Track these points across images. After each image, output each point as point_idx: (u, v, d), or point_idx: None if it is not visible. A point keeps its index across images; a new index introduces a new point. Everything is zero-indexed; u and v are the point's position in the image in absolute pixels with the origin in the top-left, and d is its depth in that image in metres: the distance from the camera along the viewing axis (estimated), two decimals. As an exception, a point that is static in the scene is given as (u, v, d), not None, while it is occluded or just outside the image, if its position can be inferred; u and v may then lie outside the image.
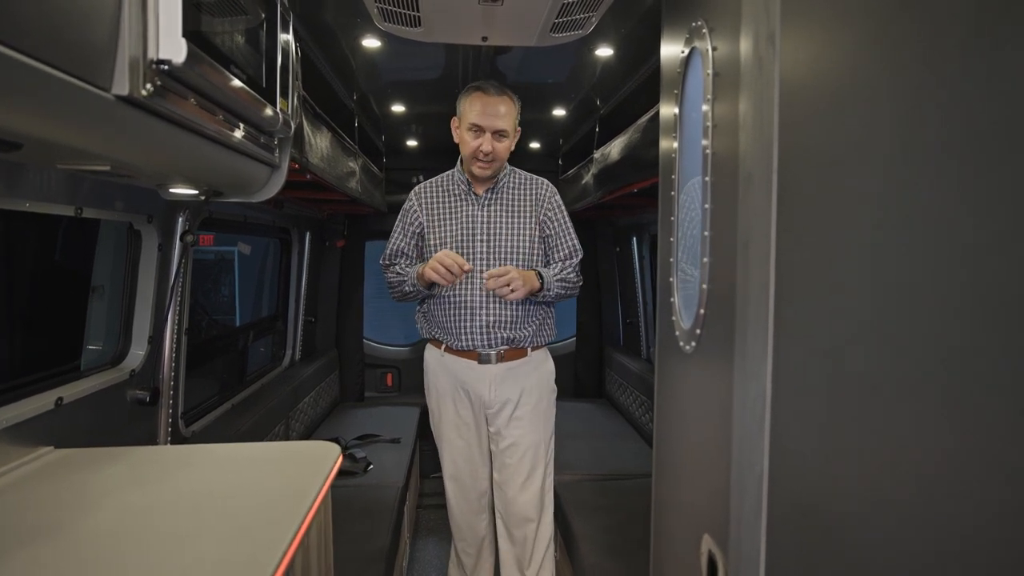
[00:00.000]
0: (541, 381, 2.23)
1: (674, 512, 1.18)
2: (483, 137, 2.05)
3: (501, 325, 2.13)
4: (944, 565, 0.54)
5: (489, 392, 2.17)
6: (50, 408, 1.43)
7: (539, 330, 2.20)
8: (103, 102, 0.88)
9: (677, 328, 1.14)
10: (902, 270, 0.58)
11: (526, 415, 2.19)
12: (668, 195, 1.22)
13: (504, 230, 2.15)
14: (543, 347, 2.25)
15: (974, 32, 0.51)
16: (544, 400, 2.23)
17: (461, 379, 2.19)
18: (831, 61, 0.69)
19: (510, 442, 2.20)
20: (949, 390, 0.53)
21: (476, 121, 2.05)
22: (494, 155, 2.07)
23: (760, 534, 0.78)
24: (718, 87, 0.97)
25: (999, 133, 0.48)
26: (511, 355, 2.17)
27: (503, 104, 2.06)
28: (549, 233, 2.20)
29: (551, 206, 2.20)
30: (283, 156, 1.66)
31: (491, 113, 2.04)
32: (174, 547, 1.03)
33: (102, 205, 1.55)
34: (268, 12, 1.43)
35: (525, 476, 2.20)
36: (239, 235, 3.18)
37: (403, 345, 4.37)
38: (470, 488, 2.33)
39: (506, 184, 2.20)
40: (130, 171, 1.21)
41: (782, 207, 0.76)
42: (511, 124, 2.09)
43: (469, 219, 2.16)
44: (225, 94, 1.18)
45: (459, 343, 2.14)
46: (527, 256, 2.15)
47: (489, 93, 2.05)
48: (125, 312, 1.80)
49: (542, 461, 2.24)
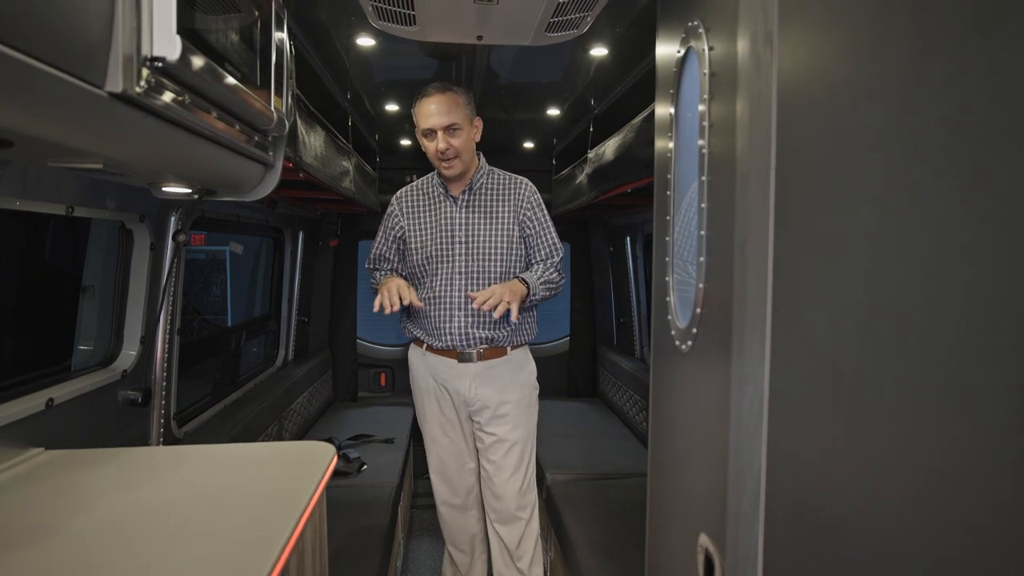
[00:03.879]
0: (521, 378, 2.25)
1: (670, 511, 1.18)
2: (436, 137, 2.07)
3: (479, 325, 2.15)
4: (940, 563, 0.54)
5: (469, 390, 2.19)
6: (40, 409, 1.41)
7: (518, 329, 2.22)
8: (96, 99, 0.87)
9: (673, 327, 1.14)
10: (899, 269, 0.58)
11: (510, 412, 2.21)
12: (663, 195, 1.22)
13: (483, 231, 2.16)
14: (523, 346, 2.28)
15: (971, 31, 0.51)
16: (526, 398, 2.26)
17: (442, 378, 2.22)
18: (829, 60, 0.69)
19: (496, 438, 2.23)
20: (946, 389, 0.53)
21: (425, 125, 2.08)
22: (453, 151, 2.08)
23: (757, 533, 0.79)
24: (715, 87, 0.97)
25: (996, 132, 0.49)
26: (490, 354, 2.19)
27: (448, 100, 2.06)
28: (529, 233, 2.20)
29: (530, 205, 2.20)
30: (277, 155, 1.65)
31: (433, 112, 2.06)
32: (167, 549, 1.02)
33: (93, 204, 1.53)
34: (262, 10, 1.42)
35: (511, 471, 2.23)
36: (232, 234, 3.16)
37: (396, 345, 4.35)
38: (457, 483, 2.36)
39: (484, 184, 2.21)
40: (122, 169, 1.20)
41: (779, 206, 0.76)
42: (462, 116, 2.08)
43: (448, 221, 2.18)
44: (219, 92, 1.18)
45: (439, 342, 2.18)
46: (506, 257, 2.16)
47: (430, 94, 2.08)
48: (117, 312, 1.79)
49: (527, 456, 2.27)
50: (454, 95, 2.09)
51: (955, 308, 0.52)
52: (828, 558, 0.69)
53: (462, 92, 2.12)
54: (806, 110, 0.73)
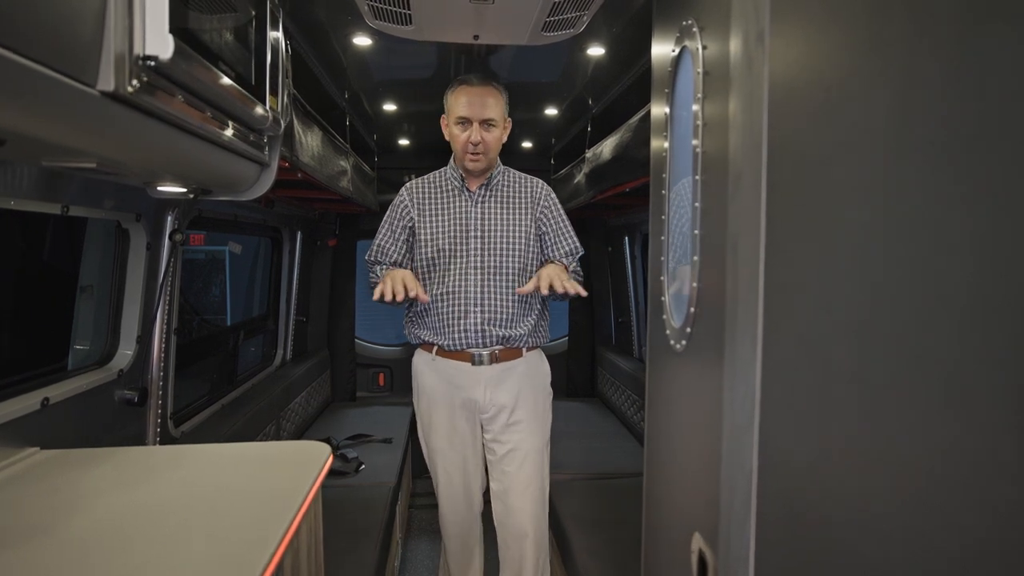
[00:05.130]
0: (537, 383, 2.16)
1: (665, 511, 1.18)
2: (471, 128, 2.03)
3: (495, 323, 2.07)
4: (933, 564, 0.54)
5: (484, 395, 2.09)
6: (36, 408, 1.41)
7: (534, 330, 2.14)
8: (88, 98, 0.87)
9: (668, 327, 1.14)
10: (892, 268, 0.58)
11: (524, 419, 2.11)
12: (659, 194, 1.22)
13: (499, 226, 2.10)
14: (537, 348, 2.20)
15: (964, 30, 0.51)
16: (541, 403, 2.16)
17: (455, 383, 2.11)
18: (820, 60, 0.69)
19: (509, 448, 2.12)
20: (939, 388, 0.53)
21: (462, 113, 2.02)
22: (484, 146, 2.04)
23: (749, 533, 0.78)
24: (708, 86, 0.97)
25: (988, 131, 0.48)
26: (505, 355, 2.10)
27: (489, 95, 2.03)
28: (546, 231, 2.15)
29: (547, 204, 2.16)
30: (273, 154, 1.65)
31: (476, 103, 2.01)
32: (163, 548, 1.02)
33: (89, 203, 1.53)
34: (258, 9, 1.42)
35: (526, 484, 2.11)
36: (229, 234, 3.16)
37: (395, 345, 4.35)
38: (461, 499, 2.22)
39: (500, 181, 2.16)
40: (117, 168, 1.20)
41: (771, 206, 0.76)
42: (499, 113, 2.05)
43: (463, 215, 2.12)
44: (213, 91, 1.17)
45: (451, 343, 2.07)
46: (523, 253, 2.10)
47: (473, 84, 2.03)
48: (113, 311, 1.79)
49: (541, 467, 2.15)
50: (497, 92, 2.05)
51: (949, 307, 0.52)
52: (821, 559, 0.68)
53: (502, 90, 2.08)
54: (798, 109, 0.73)
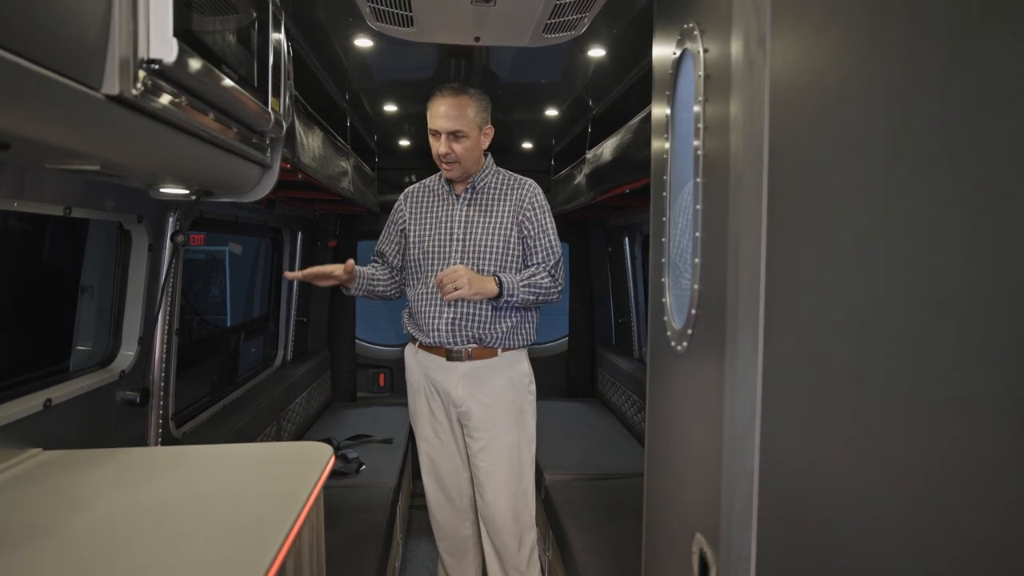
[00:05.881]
0: (512, 381, 2.18)
1: (666, 511, 1.18)
2: (440, 140, 2.06)
3: (468, 323, 2.11)
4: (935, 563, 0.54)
5: (457, 390, 2.15)
6: (38, 410, 1.42)
7: (513, 332, 2.16)
8: (93, 101, 0.88)
9: (669, 328, 1.14)
10: (892, 269, 0.59)
11: (497, 416, 2.15)
12: (660, 196, 1.22)
13: (480, 229, 2.13)
14: (517, 349, 2.20)
15: (963, 32, 0.51)
16: (517, 402, 2.18)
17: (431, 376, 2.19)
18: (821, 63, 0.70)
19: (483, 444, 2.16)
20: (939, 389, 0.53)
21: (432, 126, 2.07)
22: (454, 156, 2.06)
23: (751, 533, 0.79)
24: (709, 88, 0.97)
25: (988, 132, 0.49)
26: (479, 354, 2.14)
27: (461, 105, 2.04)
28: (527, 234, 2.15)
29: (531, 206, 2.15)
30: (275, 156, 1.65)
31: (441, 115, 2.04)
32: (164, 549, 1.02)
33: (91, 205, 1.54)
34: (260, 11, 1.42)
35: (502, 479, 2.16)
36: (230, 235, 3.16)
37: (395, 345, 4.35)
38: (450, 486, 2.30)
39: (487, 184, 2.19)
40: (120, 171, 1.21)
41: (772, 208, 0.76)
42: (467, 123, 2.05)
43: (448, 218, 2.17)
44: (216, 94, 1.18)
45: (428, 338, 2.15)
46: (501, 256, 2.12)
47: (442, 95, 2.05)
48: (115, 312, 1.79)
49: (519, 463, 2.18)
50: (466, 101, 2.05)
51: (949, 309, 0.52)
52: (821, 559, 0.69)
53: (476, 98, 2.08)
54: (799, 112, 0.73)
